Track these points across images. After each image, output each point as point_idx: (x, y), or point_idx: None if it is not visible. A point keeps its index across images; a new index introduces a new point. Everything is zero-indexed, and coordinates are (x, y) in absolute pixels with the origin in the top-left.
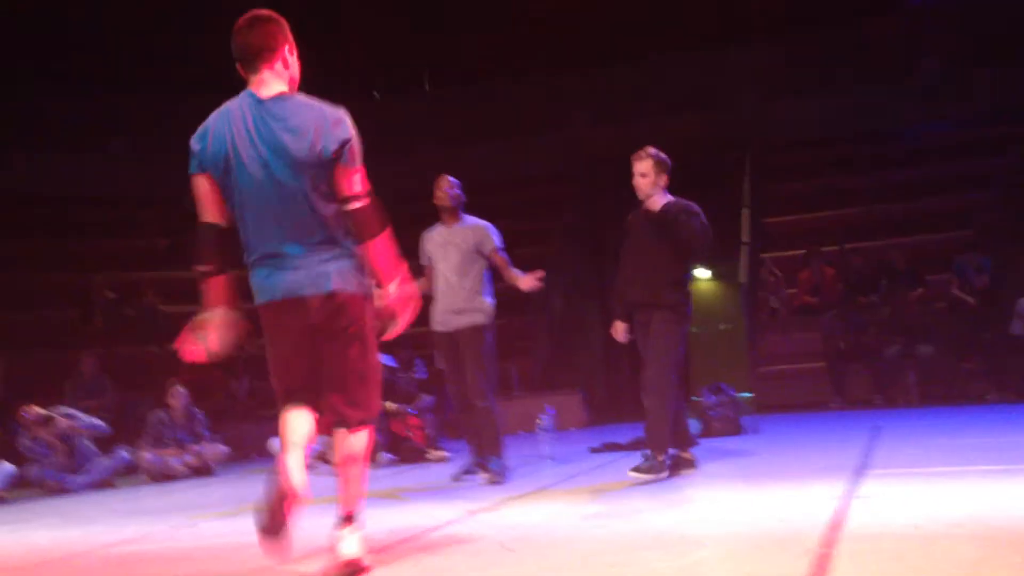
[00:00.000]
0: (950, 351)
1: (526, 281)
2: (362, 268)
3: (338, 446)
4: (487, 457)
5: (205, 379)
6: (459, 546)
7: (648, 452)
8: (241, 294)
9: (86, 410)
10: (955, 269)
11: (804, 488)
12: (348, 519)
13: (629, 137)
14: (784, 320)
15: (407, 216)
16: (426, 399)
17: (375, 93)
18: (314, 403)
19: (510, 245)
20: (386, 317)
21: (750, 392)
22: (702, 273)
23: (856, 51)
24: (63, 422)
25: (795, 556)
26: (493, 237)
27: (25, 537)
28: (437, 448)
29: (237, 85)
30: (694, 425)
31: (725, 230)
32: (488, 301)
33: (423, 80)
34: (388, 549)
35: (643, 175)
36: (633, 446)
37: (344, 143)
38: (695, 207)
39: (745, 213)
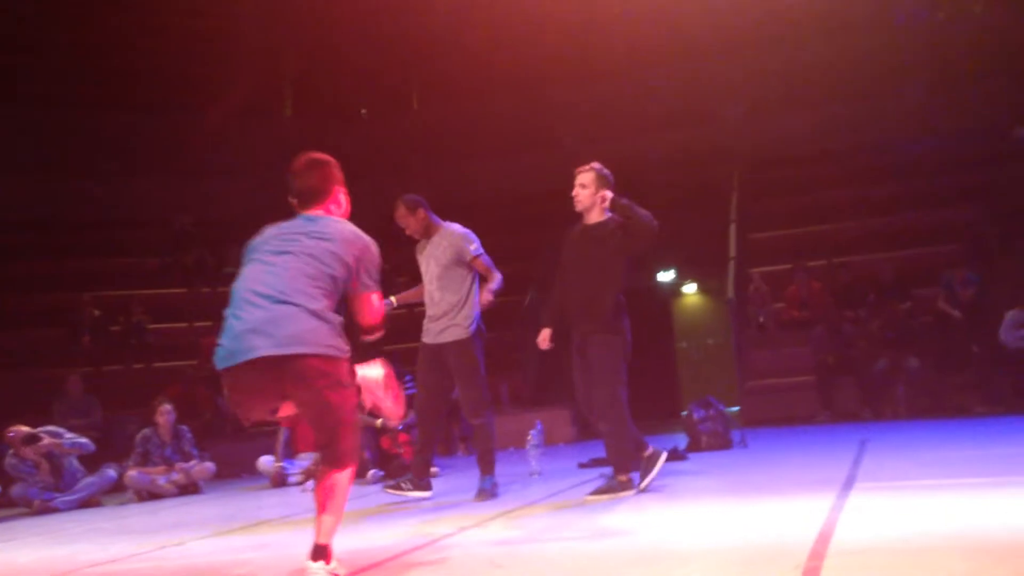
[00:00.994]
0: (938, 364)
1: (484, 296)
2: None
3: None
4: (482, 476)
5: (192, 397)
6: (448, 563)
7: (609, 473)
8: None
9: (73, 428)
10: (942, 283)
11: (793, 502)
12: (322, 553)
13: (617, 154)
14: (772, 334)
15: (395, 237)
16: (415, 416)
17: (363, 111)
18: None
19: (500, 261)
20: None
21: (738, 406)
22: (689, 288)
23: (841, 66)
24: (48, 440)
25: (785, 570)
26: (471, 243)
27: (9, 556)
28: None
29: (211, 105)
30: (682, 440)
31: (712, 245)
32: (473, 313)
33: (411, 99)
34: (377, 566)
35: (583, 186)
36: None
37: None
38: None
39: (732, 228)
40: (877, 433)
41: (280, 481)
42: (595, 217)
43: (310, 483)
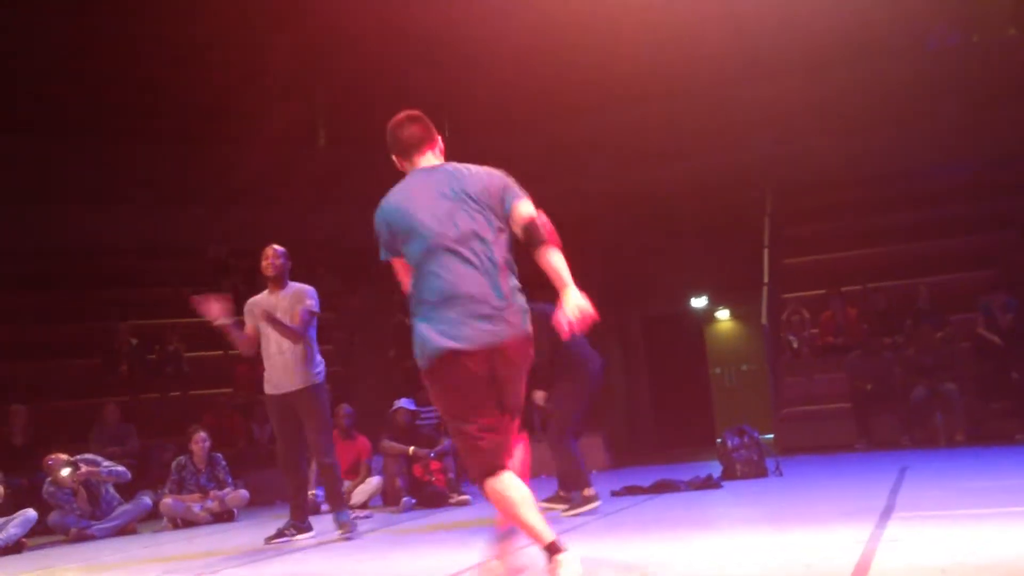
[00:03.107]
0: (977, 391)
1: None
2: None
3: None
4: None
5: (227, 425)
6: None
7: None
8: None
9: (110, 456)
10: (981, 308)
11: (830, 531)
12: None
13: (648, 180)
14: (807, 361)
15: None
16: (447, 443)
17: None
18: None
19: (530, 288)
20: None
21: (773, 434)
22: (722, 314)
23: (873, 92)
24: (86, 469)
25: None
26: (309, 300)
27: None
28: (459, 492)
29: (246, 136)
30: (716, 468)
31: (745, 271)
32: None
33: (444, 127)
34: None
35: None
36: (655, 489)
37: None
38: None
39: (765, 254)
40: (916, 461)
41: (313, 509)
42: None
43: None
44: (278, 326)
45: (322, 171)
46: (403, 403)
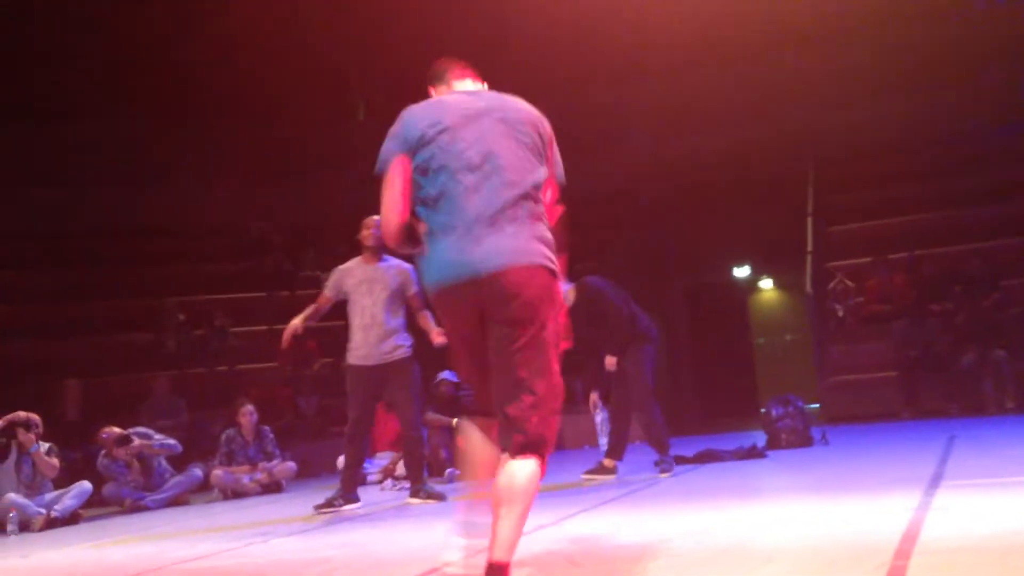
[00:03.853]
0: None
1: (437, 335)
2: None
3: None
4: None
5: (274, 398)
6: (525, 561)
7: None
8: None
9: (160, 430)
10: None
11: (877, 500)
12: (495, 571)
13: (689, 150)
14: (853, 329)
15: None
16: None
17: None
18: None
19: (572, 260)
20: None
21: (819, 403)
22: (765, 283)
23: (919, 55)
24: (139, 442)
25: (869, 570)
26: (416, 285)
27: (101, 553)
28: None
29: (285, 112)
30: (761, 437)
31: (789, 240)
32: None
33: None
34: (449, 565)
35: None
36: (699, 459)
37: None
38: None
39: (809, 222)
40: (965, 429)
41: (360, 481)
42: None
43: (388, 482)
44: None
45: (361, 145)
46: (446, 375)
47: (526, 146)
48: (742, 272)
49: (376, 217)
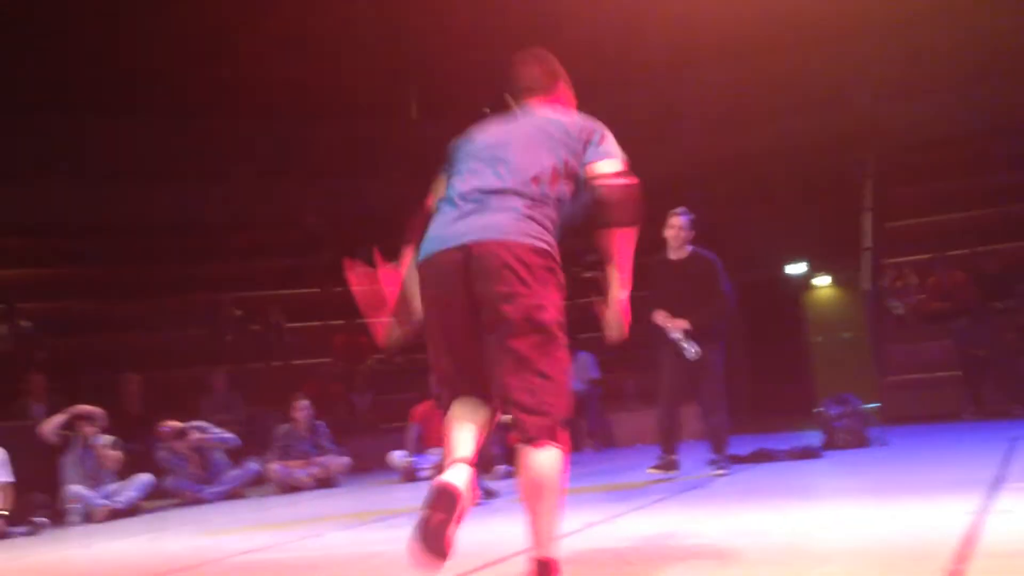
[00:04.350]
0: None
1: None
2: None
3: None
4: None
5: (328, 393)
6: (576, 559)
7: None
8: None
9: (218, 424)
10: None
11: (936, 502)
12: (544, 568)
13: (744, 144)
14: (913, 327)
15: None
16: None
17: (486, 109)
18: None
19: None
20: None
21: (877, 403)
22: (822, 280)
23: (975, 46)
24: (197, 435)
25: (927, 574)
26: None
27: (161, 545)
28: None
29: (338, 108)
30: (817, 437)
31: (845, 235)
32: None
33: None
34: (503, 561)
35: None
36: (754, 458)
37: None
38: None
39: (867, 217)
40: None
41: (411, 476)
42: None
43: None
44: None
45: (414, 141)
46: None
47: (542, 142)
48: (798, 269)
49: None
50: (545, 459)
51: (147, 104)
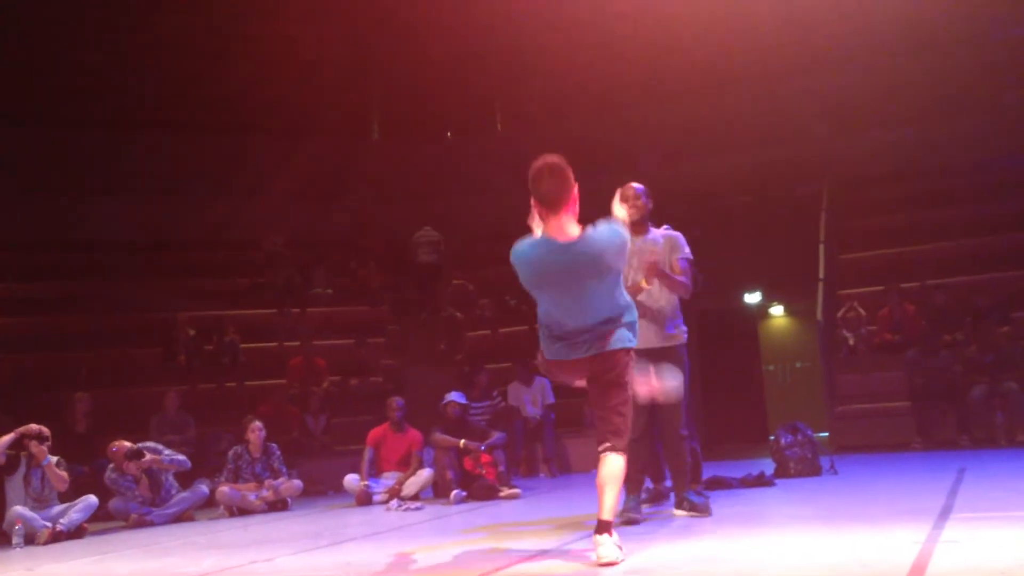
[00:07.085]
0: None
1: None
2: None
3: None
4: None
5: (282, 415)
6: None
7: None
8: None
9: (169, 444)
10: None
11: (886, 531)
12: (605, 527)
13: (701, 174)
14: (864, 358)
15: (489, 253)
16: (497, 436)
17: (448, 134)
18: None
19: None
20: None
21: (828, 432)
22: (776, 310)
23: (933, 82)
24: (149, 457)
25: None
26: (685, 247)
27: (106, 567)
28: (510, 485)
29: (295, 129)
30: (769, 465)
31: (800, 266)
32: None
33: (496, 121)
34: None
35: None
36: (707, 486)
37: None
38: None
39: (821, 249)
40: (975, 461)
41: (365, 499)
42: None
43: (394, 502)
44: (667, 279)
45: (375, 164)
46: (454, 396)
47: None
48: (753, 298)
49: (634, 185)
50: (616, 461)
51: (100, 119)
